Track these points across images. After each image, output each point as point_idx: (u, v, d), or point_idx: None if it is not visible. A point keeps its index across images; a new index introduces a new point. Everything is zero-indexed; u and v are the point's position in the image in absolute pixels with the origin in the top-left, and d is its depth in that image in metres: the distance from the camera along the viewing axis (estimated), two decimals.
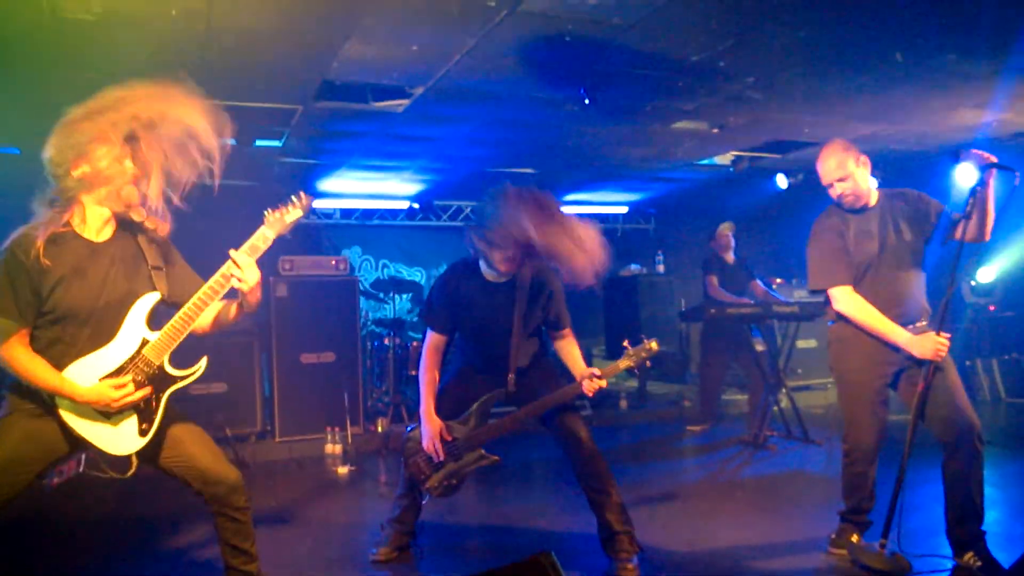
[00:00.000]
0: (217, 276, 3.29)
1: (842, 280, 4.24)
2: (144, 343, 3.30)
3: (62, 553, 4.98)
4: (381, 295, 10.28)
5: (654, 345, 4.22)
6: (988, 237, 4.11)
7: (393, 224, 11.82)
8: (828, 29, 5.24)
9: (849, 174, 4.27)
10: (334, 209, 11.45)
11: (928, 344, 3.98)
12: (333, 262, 8.64)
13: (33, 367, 3.14)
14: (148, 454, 3.42)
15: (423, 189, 10.83)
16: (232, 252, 3.29)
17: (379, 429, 8.33)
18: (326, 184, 10.25)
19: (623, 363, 4.25)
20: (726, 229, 8.57)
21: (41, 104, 6.08)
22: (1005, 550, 4.02)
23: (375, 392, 9.45)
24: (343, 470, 7.21)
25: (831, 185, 4.33)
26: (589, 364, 4.40)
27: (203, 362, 3.44)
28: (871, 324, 4.13)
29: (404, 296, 11.13)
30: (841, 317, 4.30)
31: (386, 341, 9.16)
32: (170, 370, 3.37)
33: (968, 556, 4.01)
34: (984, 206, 4.01)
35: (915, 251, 4.31)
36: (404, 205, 11.54)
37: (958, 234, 4.10)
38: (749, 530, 5.02)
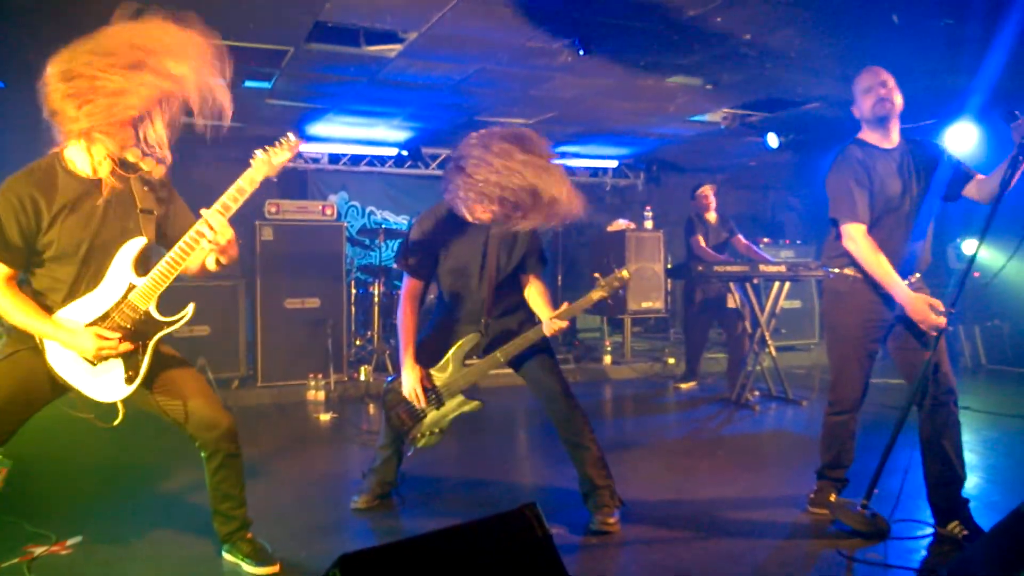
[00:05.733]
0: (191, 232, 3.21)
1: (858, 217, 4.07)
2: (131, 288, 3.26)
3: (48, 498, 4.96)
4: (367, 242, 10.21)
5: (625, 274, 4.17)
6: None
7: (381, 171, 11.71)
8: None
9: (889, 83, 4.11)
10: (322, 154, 11.33)
11: (923, 309, 3.88)
12: (320, 207, 8.57)
13: (21, 308, 3.14)
14: (144, 397, 3.41)
15: (412, 136, 10.74)
16: (203, 212, 3.20)
17: (362, 377, 8.33)
18: (314, 128, 10.14)
19: (595, 294, 4.19)
20: (707, 190, 8.46)
21: (27, 37, 5.98)
22: (984, 516, 4.04)
23: (359, 340, 9.43)
24: (325, 417, 7.21)
25: (870, 89, 4.12)
26: (572, 320, 4.36)
27: (190, 308, 3.39)
28: (875, 270, 4.02)
29: (391, 244, 11.06)
30: (849, 259, 4.19)
31: (371, 289, 9.13)
32: (156, 316, 3.33)
33: (953, 525, 4.00)
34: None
35: (935, 204, 4.18)
36: (392, 152, 11.43)
37: (973, 194, 4.07)
38: (729, 487, 5.05)
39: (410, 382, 4.31)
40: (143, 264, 3.32)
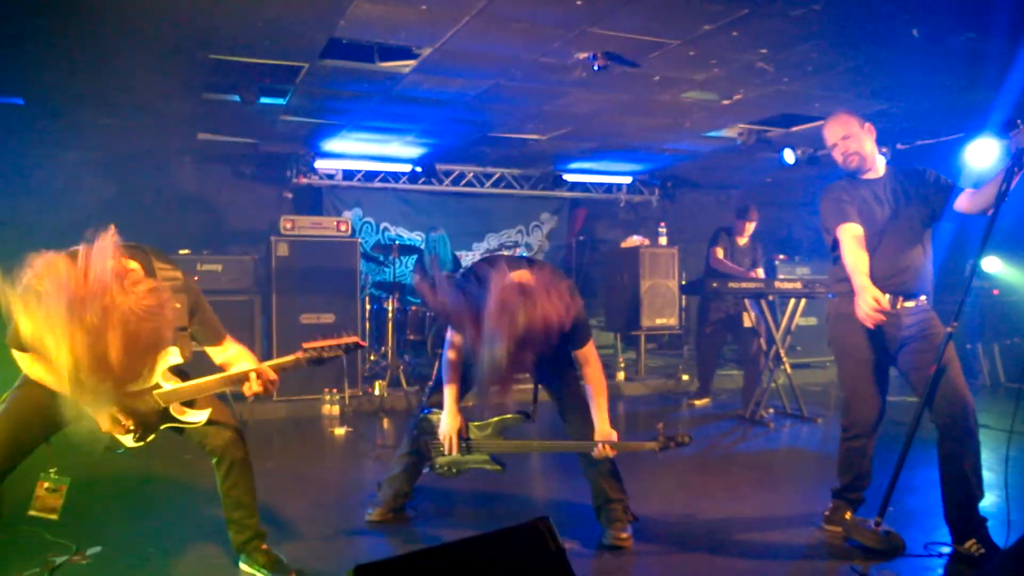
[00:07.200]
0: (231, 375, 3.57)
1: (848, 218, 4.16)
2: (159, 387, 3.44)
3: (67, 509, 4.96)
4: (381, 258, 10.24)
5: (687, 439, 4.08)
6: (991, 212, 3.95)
7: (395, 187, 11.73)
8: (844, 2, 5.17)
9: (852, 133, 4.29)
10: (336, 170, 11.34)
11: (862, 305, 3.90)
12: (335, 223, 8.61)
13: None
14: None
15: (426, 152, 10.76)
16: (261, 366, 3.57)
17: (376, 392, 8.33)
18: (329, 144, 10.18)
19: (649, 444, 4.12)
20: (750, 225, 8.38)
21: (44, 55, 6.03)
22: (1001, 535, 4.00)
23: (373, 355, 9.44)
24: (340, 431, 7.22)
25: (835, 145, 4.35)
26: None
27: (204, 415, 3.61)
28: (851, 261, 4.05)
29: (404, 259, 11.10)
30: (840, 290, 4.27)
31: (385, 304, 9.13)
32: (174, 412, 3.52)
33: (970, 543, 3.95)
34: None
35: (925, 224, 4.23)
36: (406, 168, 11.45)
37: (964, 206, 4.06)
38: (743, 504, 5.02)
39: (448, 428, 4.31)
40: (175, 371, 3.52)
